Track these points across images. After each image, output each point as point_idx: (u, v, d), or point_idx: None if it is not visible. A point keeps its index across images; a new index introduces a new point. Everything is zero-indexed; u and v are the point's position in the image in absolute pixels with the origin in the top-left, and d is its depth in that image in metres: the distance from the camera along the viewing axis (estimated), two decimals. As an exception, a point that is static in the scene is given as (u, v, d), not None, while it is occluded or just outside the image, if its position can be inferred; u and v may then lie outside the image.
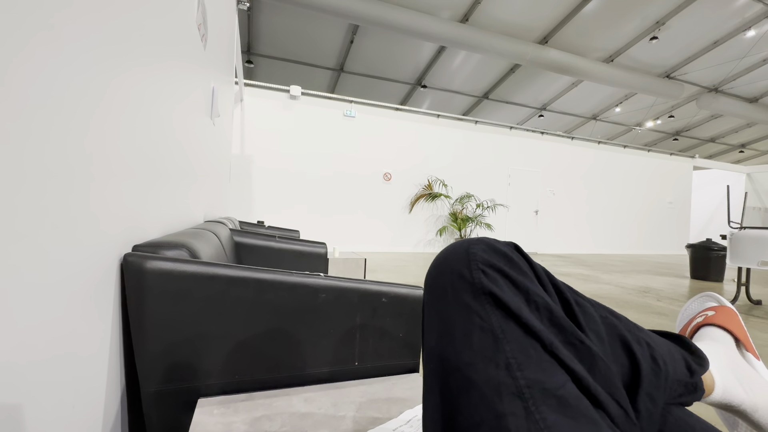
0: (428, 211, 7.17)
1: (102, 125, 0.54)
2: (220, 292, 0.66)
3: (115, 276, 0.62)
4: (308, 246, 1.87)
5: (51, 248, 0.42)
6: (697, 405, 0.45)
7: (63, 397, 0.46)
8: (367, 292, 0.78)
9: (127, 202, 0.68)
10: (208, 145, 1.88)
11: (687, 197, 10.04)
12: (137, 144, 0.71)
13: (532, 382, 0.28)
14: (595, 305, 0.38)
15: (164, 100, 0.90)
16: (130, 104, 0.66)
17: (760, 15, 6.30)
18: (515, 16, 6.34)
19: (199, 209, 1.65)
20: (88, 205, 0.51)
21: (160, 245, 0.71)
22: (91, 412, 0.54)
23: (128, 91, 0.64)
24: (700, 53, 7.31)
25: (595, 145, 8.81)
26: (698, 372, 0.42)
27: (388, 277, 3.98)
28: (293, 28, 6.78)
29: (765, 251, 2.89)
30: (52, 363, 0.43)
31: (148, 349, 0.63)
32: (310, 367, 0.74)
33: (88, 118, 0.49)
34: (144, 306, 0.62)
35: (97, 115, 0.52)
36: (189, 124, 1.26)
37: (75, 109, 0.46)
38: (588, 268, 5.65)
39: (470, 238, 0.37)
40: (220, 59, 2.21)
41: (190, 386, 0.66)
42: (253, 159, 6.09)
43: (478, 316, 0.31)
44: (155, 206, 0.88)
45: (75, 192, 0.47)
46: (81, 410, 0.51)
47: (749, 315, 2.88)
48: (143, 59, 0.72)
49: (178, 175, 1.13)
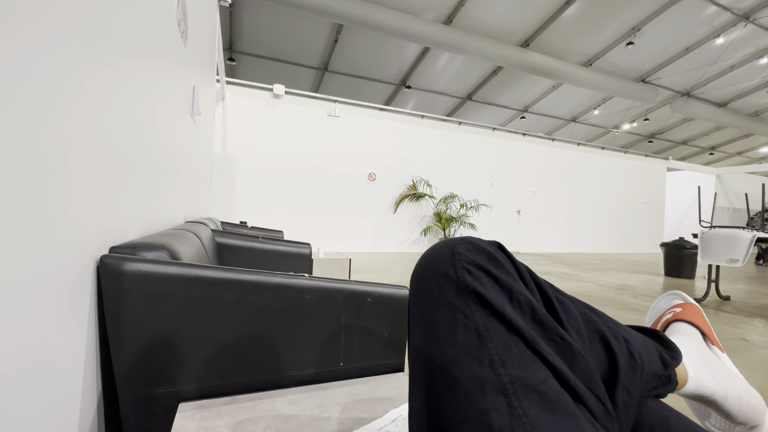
0: (413, 211, 7.21)
1: (77, 122, 0.52)
2: (201, 294, 0.65)
3: (91, 278, 0.60)
4: (292, 246, 1.85)
5: (20, 248, 0.40)
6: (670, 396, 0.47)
7: (35, 406, 0.44)
8: (352, 292, 0.78)
9: (104, 202, 0.65)
10: (189, 143, 1.84)
11: (661, 197, 10.42)
12: (115, 142, 0.69)
13: (515, 378, 0.28)
14: (575, 302, 0.40)
15: (143, 98, 0.87)
16: (106, 101, 0.64)
17: (728, 24, 6.59)
18: (498, 19, 6.45)
19: (180, 210, 1.61)
20: (62, 205, 0.49)
21: (139, 246, 0.69)
22: (66, 420, 0.52)
23: (105, 87, 0.62)
24: (673, 59, 7.60)
25: (574, 147, 9.04)
26: (672, 365, 0.44)
27: (372, 277, 3.98)
28: (276, 26, 6.70)
29: (733, 249, 3.02)
30: (23, 369, 0.42)
31: (125, 354, 0.61)
32: (295, 368, 0.74)
33: (61, 114, 0.48)
34: (121, 309, 0.60)
35: (72, 111, 0.51)
36: (169, 122, 1.23)
37: (48, 105, 0.44)
38: (568, 266, 5.79)
39: (455, 237, 0.37)
40: (201, 56, 2.16)
41: (171, 390, 0.65)
42: (236, 158, 5.98)
43: (463, 314, 0.32)
44: (134, 206, 0.85)
45: (47, 191, 0.45)
46: (55, 418, 0.49)
47: (719, 310, 3.01)
48: (121, 54, 0.70)
49: (157, 175, 1.10)
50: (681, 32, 6.84)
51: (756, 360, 1.89)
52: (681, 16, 6.40)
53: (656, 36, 6.90)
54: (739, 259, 2.97)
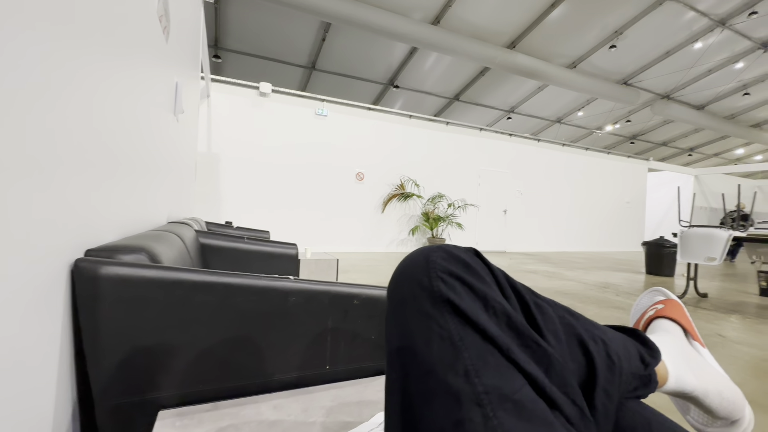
0: (401, 210, 7.22)
1: (51, 118, 0.50)
2: (182, 298, 0.63)
3: (64, 283, 0.57)
4: (278, 247, 1.83)
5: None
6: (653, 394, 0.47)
7: (5, 418, 0.42)
8: (338, 294, 0.77)
9: (81, 203, 0.63)
10: (172, 142, 1.79)
11: (642, 197, 10.69)
12: (93, 140, 0.67)
13: (490, 388, 0.28)
14: (553, 305, 0.40)
15: (122, 94, 0.85)
16: (81, 97, 0.61)
17: (706, 29, 6.80)
18: (485, 20, 6.50)
19: (162, 210, 1.57)
20: (33, 205, 0.47)
21: (117, 249, 0.67)
22: (38, 430, 0.50)
23: (80, 83, 0.60)
24: (654, 62, 7.80)
25: (559, 147, 9.19)
26: (652, 364, 0.45)
27: (360, 277, 3.97)
28: (263, 23, 6.61)
29: (710, 248, 3.12)
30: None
31: (102, 361, 0.59)
32: (280, 372, 0.72)
33: (30, 110, 0.45)
34: (98, 315, 0.58)
35: (43, 107, 0.48)
36: (150, 120, 1.20)
37: (11, 101, 0.42)
38: (553, 265, 5.89)
39: (431, 246, 0.37)
40: (185, 53, 2.11)
41: (150, 398, 0.63)
42: (221, 157, 5.89)
43: (437, 324, 0.32)
44: (113, 207, 0.82)
45: (16, 191, 0.43)
46: (26, 429, 0.47)
47: (697, 307, 3.10)
48: (98, 48, 0.67)
49: (138, 174, 1.07)
50: (661, 36, 7.03)
51: (732, 355, 1.96)
52: (661, 20, 6.57)
53: (638, 40, 7.07)
54: (716, 257, 3.06)
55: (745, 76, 8.39)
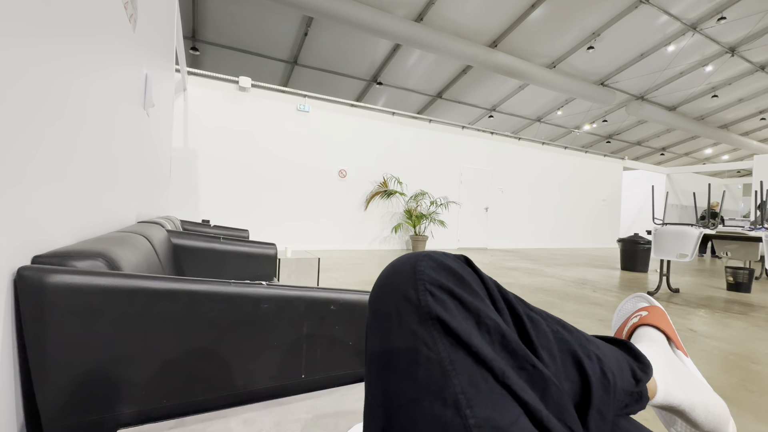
0: (384, 208, 7.19)
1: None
2: (142, 308, 0.58)
3: (6, 293, 0.52)
4: (257, 247, 1.77)
5: None
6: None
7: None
8: (314, 300, 0.73)
9: (26, 203, 0.57)
10: (142, 137, 1.70)
11: (618, 195, 11.02)
12: (44, 136, 0.60)
13: (483, 421, 0.25)
14: (546, 317, 0.38)
15: (82, 87, 0.78)
16: (28, 89, 0.55)
17: (678, 33, 7.03)
18: (467, 19, 6.53)
19: (131, 209, 1.49)
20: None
21: (70, 255, 0.61)
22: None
23: (26, 74, 0.54)
24: (629, 64, 8.03)
25: (539, 146, 9.36)
26: (643, 380, 0.43)
27: (343, 275, 3.93)
28: (243, 16, 6.43)
29: (682, 245, 3.23)
30: None
31: (51, 379, 0.54)
32: (252, 383, 0.68)
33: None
34: (45, 329, 0.53)
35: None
36: (115, 114, 1.12)
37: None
38: (533, 261, 5.99)
39: (419, 252, 0.34)
40: (156, 44, 2.01)
41: (107, 416, 0.58)
42: (198, 153, 5.71)
43: (425, 345, 0.28)
44: (68, 207, 0.76)
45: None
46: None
47: (669, 302, 3.21)
48: (48, 34, 0.61)
49: (101, 171, 1.00)
50: (636, 39, 7.23)
51: (703, 350, 2.02)
52: (637, 23, 6.76)
53: (614, 41, 7.25)
54: (687, 254, 3.17)
55: (714, 79, 8.74)
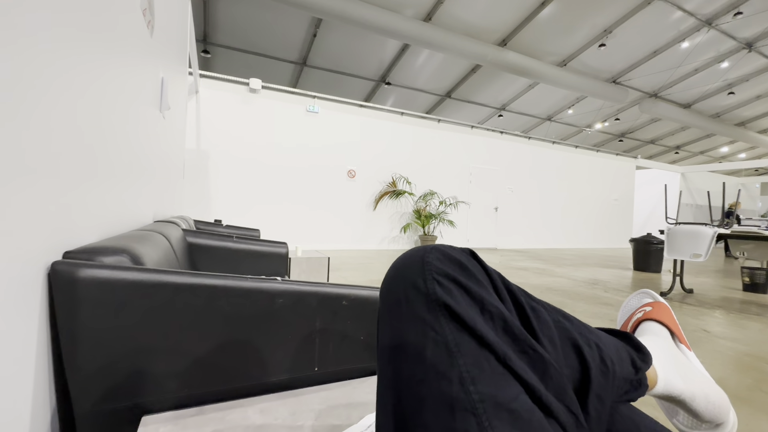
0: (392, 208, 7.21)
1: (22, 118, 0.48)
2: (165, 301, 0.62)
3: (41, 287, 0.55)
4: (268, 246, 1.81)
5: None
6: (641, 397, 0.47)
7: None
8: (326, 295, 0.76)
9: (59, 203, 0.61)
10: (158, 138, 1.75)
11: (630, 195, 10.85)
12: (70, 139, 0.64)
13: (485, 396, 0.28)
14: (548, 308, 0.39)
15: (103, 91, 0.82)
16: (56, 94, 0.59)
17: (693, 29, 6.90)
18: (476, 18, 6.51)
19: (148, 209, 1.54)
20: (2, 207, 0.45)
21: (97, 251, 0.65)
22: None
23: (55, 80, 0.58)
24: (642, 61, 7.90)
25: (549, 145, 9.27)
26: (643, 368, 0.45)
27: (352, 274, 3.96)
28: (253, 18, 6.52)
29: (696, 245, 3.18)
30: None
31: (82, 367, 0.57)
32: (267, 375, 0.71)
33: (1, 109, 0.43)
34: (76, 320, 0.56)
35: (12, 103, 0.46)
36: (134, 116, 1.17)
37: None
38: (543, 262, 5.95)
39: (426, 246, 0.36)
40: (171, 48, 2.07)
41: (133, 404, 0.61)
42: (210, 154, 5.80)
43: (432, 329, 0.31)
44: (93, 207, 0.80)
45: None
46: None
47: (683, 303, 3.16)
48: (76, 42, 0.65)
49: (121, 172, 1.04)
50: (649, 36, 7.11)
51: (717, 351, 2.00)
52: (650, 20, 6.65)
53: (627, 39, 7.14)
54: (701, 253, 3.12)
55: (730, 76, 8.55)
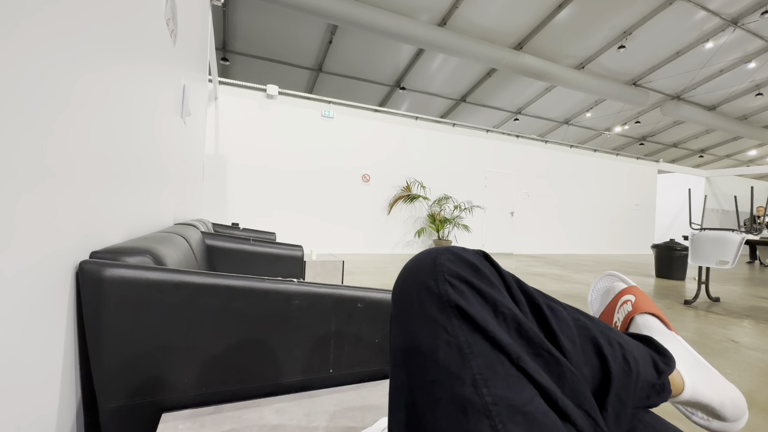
0: (407, 212, 7.21)
1: (57, 125, 0.50)
2: (186, 300, 0.63)
3: (69, 285, 0.58)
4: (284, 249, 1.83)
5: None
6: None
7: (8, 419, 0.42)
8: (342, 297, 0.76)
9: (87, 205, 0.63)
10: (179, 144, 1.81)
11: (652, 199, 10.54)
12: (100, 142, 0.67)
13: (499, 399, 0.27)
14: (567, 308, 0.39)
15: (129, 98, 0.85)
16: (87, 102, 0.61)
17: (717, 28, 6.69)
18: (492, 22, 6.48)
19: (169, 211, 1.58)
20: (38, 207, 0.47)
21: (121, 251, 0.67)
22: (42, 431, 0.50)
23: (87, 88, 0.60)
24: (664, 62, 7.70)
25: (567, 149, 9.11)
26: (666, 372, 0.43)
27: (366, 278, 3.97)
28: (270, 26, 6.66)
29: (723, 251, 3.06)
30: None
31: (106, 363, 0.59)
32: (283, 376, 0.72)
33: (37, 116, 0.46)
34: (101, 317, 0.58)
35: (49, 113, 0.49)
36: (157, 122, 1.21)
37: (22, 106, 0.42)
38: (561, 268, 5.82)
39: (439, 247, 0.36)
40: (192, 56, 2.13)
41: (153, 400, 0.63)
42: (228, 159, 5.93)
43: (445, 331, 0.30)
44: (119, 208, 0.83)
45: (19, 193, 0.43)
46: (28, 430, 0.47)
47: (709, 312, 3.04)
48: (106, 54, 0.68)
49: (144, 176, 1.08)
50: (671, 36, 6.93)
51: (746, 362, 1.91)
52: (671, 20, 6.49)
53: (647, 40, 6.98)
54: (728, 260, 3.00)
55: (758, 76, 8.24)
